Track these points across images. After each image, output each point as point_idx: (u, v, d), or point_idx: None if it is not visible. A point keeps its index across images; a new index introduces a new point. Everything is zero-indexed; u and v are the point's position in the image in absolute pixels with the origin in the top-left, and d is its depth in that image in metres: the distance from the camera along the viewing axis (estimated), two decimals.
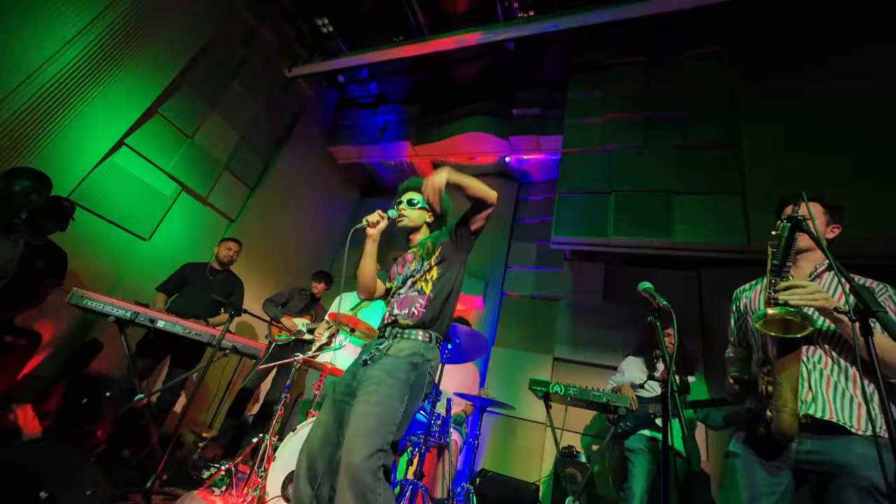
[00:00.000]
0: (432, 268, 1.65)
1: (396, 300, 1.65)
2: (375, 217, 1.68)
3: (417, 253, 1.73)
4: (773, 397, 1.30)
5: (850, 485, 1.19)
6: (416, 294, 1.61)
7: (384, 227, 1.72)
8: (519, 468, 3.69)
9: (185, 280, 3.35)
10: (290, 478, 2.31)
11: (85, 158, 3.32)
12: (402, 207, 1.80)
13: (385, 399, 1.35)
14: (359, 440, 1.27)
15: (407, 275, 1.70)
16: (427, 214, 1.84)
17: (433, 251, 1.69)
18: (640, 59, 4.26)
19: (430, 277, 1.63)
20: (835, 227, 1.51)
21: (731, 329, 1.69)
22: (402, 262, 1.78)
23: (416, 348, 1.49)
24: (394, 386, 1.38)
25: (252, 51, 4.72)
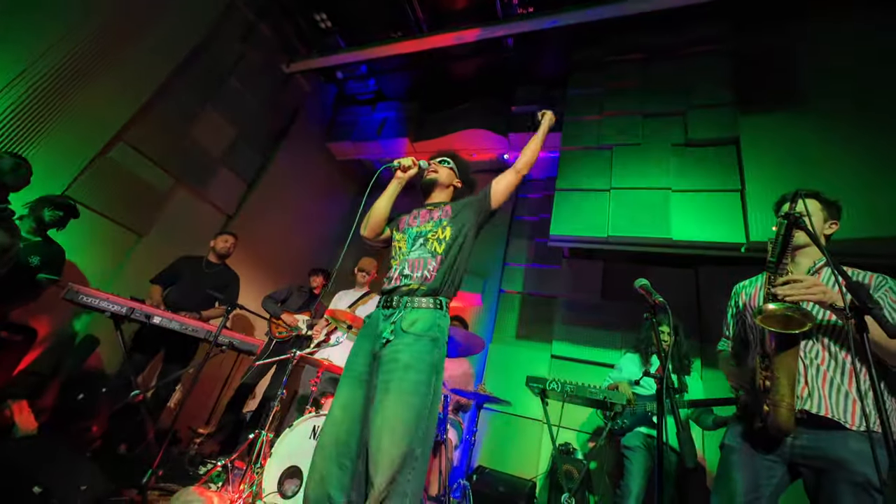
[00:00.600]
0: (446, 227, 1.62)
1: (407, 261, 1.56)
2: (409, 161, 1.72)
3: (434, 212, 1.71)
4: (771, 392, 1.31)
5: (844, 480, 1.19)
6: (429, 256, 1.54)
7: (412, 175, 1.75)
8: (516, 465, 3.70)
9: (180, 272, 3.33)
10: (287, 473, 2.31)
11: (81, 154, 3.30)
12: (433, 164, 1.83)
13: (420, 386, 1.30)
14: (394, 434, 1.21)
15: (419, 232, 1.64)
16: (455, 179, 1.85)
17: (451, 215, 1.67)
18: (639, 57, 4.25)
19: (442, 237, 1.59)
20: (833, 224, 1.51)
21: (726, 322, 1.69)
22: (415, 215, 1.74)
23: (431, 320, 1.42)
24: (423, 371, 1.32)
25: (250, 46, 4.69)
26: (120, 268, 3.63)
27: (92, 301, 2.40)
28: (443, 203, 1.76)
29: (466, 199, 1.76)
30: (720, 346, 1.73)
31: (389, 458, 1.17)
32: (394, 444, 1.19)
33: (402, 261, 1.58)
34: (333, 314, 2.90)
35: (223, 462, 2.43)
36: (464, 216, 1.67)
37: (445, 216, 1.67)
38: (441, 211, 1.70)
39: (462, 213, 1.68)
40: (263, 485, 2.21)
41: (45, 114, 3.07)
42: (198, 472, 2.63)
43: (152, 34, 3.64)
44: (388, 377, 1.32)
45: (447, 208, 1.71)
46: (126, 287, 3.29)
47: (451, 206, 1.72)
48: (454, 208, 1.70)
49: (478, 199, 1.74)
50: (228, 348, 2.69)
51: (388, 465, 1.17)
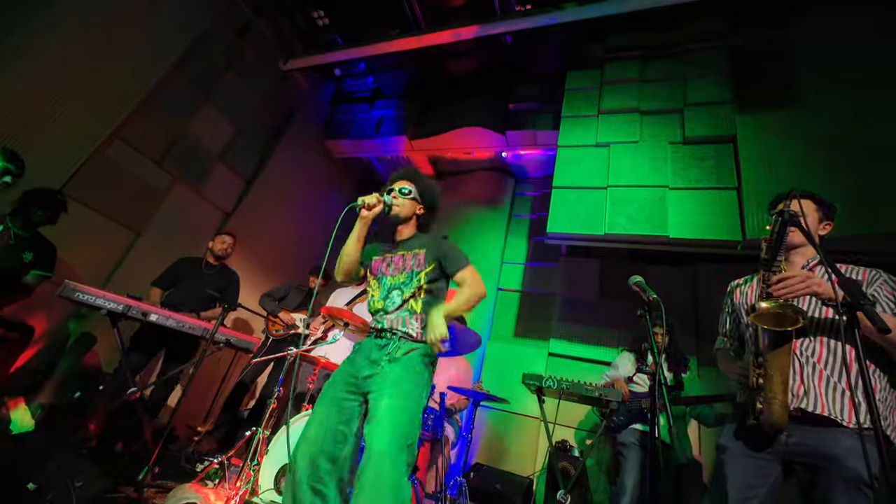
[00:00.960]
0: (422, 288, 1.63)
1: (387, 319, 1.61)
2: (373, 199, 1.66)
3: (407, 259, 1.69)
4: (764, 389, 1.31)
5: (836, 477, 1.20)
6: (408, 315, 1.60)
7: (378, 212, 1.69)
8: (513, 462, 3.71)
9: (180, 274, 3.33)
10: (282, 471, 2.31)
11: (77, 151, 3.29)
12: (394, 195, 1.76)
13: (411, 394, 1.41)
14: (390, 434, 1.30)
15: (392, 284, 1.67)
16: (417, 207, 1.81)
17: (424, 266, 1.65)
18: (637, 54, 4.25)
19: (420, 297, 1.62)
20: (826, 224, 1.51)
21: (722, 320, 1.70)
22: (387, 261, 1.74)
23: (422, 351, 1.55)
24: (415, 383, 1.44)
25: (247, 43, 4.68)
26: (118, 266, 3.63)
27: (88, 298, 2.39)
28: (414, 246, 1.72)
29: (438, 250, 1.69)
30: (717, 344, 1.74)
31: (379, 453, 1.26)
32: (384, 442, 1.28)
33: (381, 316, 1.65)
34: (330, 312, 2.90)
35: (220, 459, 2.43)
36: (436, 270, 1.68)
37: (419, 267, 1.66)
38: (414, 259, 1.68)
39: (434, 266, 1.67)
40: (260, 482, 2.22)
41: (41, 110, 3.06)
42: (195, 469, 2.63)
43: (149, 31, 3.63)
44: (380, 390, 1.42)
45: (420, 256, 1.68)
46: (124, 285, 3.29)
47: (423, 252, 1.68)
48: (427, 256, 1.67)
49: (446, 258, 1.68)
50: (225, 346, 2.68)
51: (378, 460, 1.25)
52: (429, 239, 1.76)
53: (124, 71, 3.49)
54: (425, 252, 1.68)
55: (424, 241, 1.75)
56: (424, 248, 1.70)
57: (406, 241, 1.78)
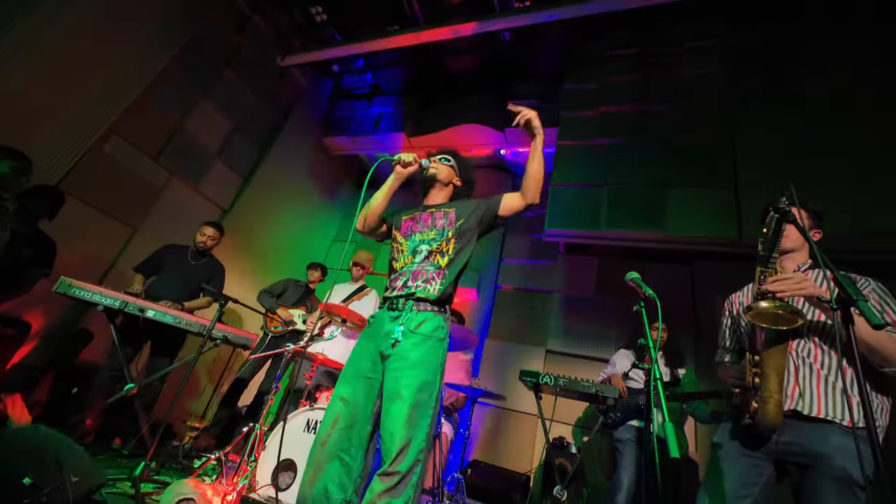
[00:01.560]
0: (450, 241, 1.60)
1: (411, 273, 1.57)
2: (410, 157, 1.65)
3: (437, 218, 1.67)
4: (760, 388, 1.31)
5: (825, 475, 1.20)
6: (432, 269, 1.56)
7: (412, 171, 1.68)
8: (510, 459, 3.73)
9: (164, 262, 3.27)
10: (281, 466, 2.32)
11: (73, 147, 3.27)
12: (434, 160, 1.77)
13: (427, 385, 1.38)
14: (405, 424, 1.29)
15: (421, 240, 1.63)
16: (455, 176, 1.80)
17: (455, 221, 1.64)
18: (636, 51, 4.24)
19: (446, 250, 1.59)
20: (816, 233, 1.52)
21: (721, 333, 1.69)
22: (416, 219, 1.71)
23: (436, 322, 1.49)
24: (431, 370, 1.41)
25: (245, 39, 4.66)
26: (115, 261, 3.62)
27: (84, 294, 2.38)
28: (444, 206, 1.71)
29: (472, 205, 1.69)
30: (717, 357, 1.73)
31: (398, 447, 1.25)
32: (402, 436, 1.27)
33: (406, 270, 1.60)
34: (328, 308, 2.90)
35: (217, 455, 2.43)
36: (468, 226, 1.64)
37: (450, 225, 1.63)
38: (445, 218, 1.65)
39: (467, 224, 1.64)
40: (257, 477, 2.22)
41: (38, 105, 3.04)
42: (192, 465, 2.63)
43: (146, 26, 3.61)
44: (398, 374, 1.38)
45: (451, 214, 1.65)
46: (122, 281, 3.28)
47: (454, 211, 1.66)
48: (458, 214, 1.65)
49: (486, 204, 1.68)
50: (223, 342, 2.68)
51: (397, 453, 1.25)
52: (459, 202, 1.75)
53: (121, 66, 3.48)
54: (455, 210, 1.67)
55: (455, 203, 1.73)
56: (455, 208, 1.69)
57: (438, 204, 1.76)
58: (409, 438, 1.27)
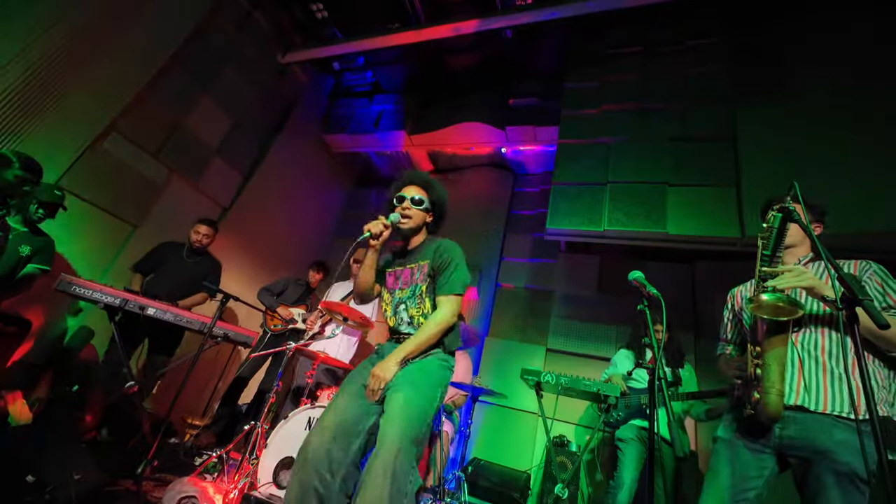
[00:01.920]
0: (425, 301, 1.63)
1: (404, 333, 1.65)
2: (379, 227, 1.61)
3: (414, 273, 1.68)
4: (762, 379, 1.32)
5: (828, 470, 1.21)
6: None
7: (387, 237, 1.65)
8: (511, 457, 3.73)
9: (162, 260, 3.27)
10: (282, 464, 2.32)
11: (73, 144, 3.26)
12: (406, 205, 1.69)
13: (425, 391, 1.43)
14: (401, 427, 1.32)
15: (400, 299, 1.68)
16: (427, 215, 1.76)
17: (425, 279, 1.64)
18: (638, 50, 4.23)
19: (427, 312, 1.62)
20: (817, 226, 1.53)
21: (723, 325, 1.70)
22: (397, 275, 1.74)
23: (439, 355, 1.58)
24: (430, 383, 1.46)
25: (245, 35, 4.63)
26: (115, 259, 3.61)
27: (85, 292, 2.38)
28: (420, 257, 1.70)
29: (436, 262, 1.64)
30: (718, 349, 1.74)
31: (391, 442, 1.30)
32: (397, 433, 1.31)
33: (397, 330, 1.67)
34: (329, 306, 2.90)
35: (219, 453, 2.43)
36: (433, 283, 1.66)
37: (423, 280, 1.65)
38: (419, 272, 1.66)
39: (431, 281, 1.66)
40: (259, 475, 2.22)
41: (36, 102, 3.03)
42: (193, 463, 2.63)
43: (147, 22, 3.59)
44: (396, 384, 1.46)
45: (424, 268, 1.65)
46: (122, 278, 3.28)
47: (427, 263, 1.65)
48: (430, 266, 1.64)
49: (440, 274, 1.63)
50: (223, 340, 2.68)
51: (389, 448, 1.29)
52: (435, 248, 1.69)
53: (121, 62, 3.46)
54: (428, 264, 1.65)
55: (430, 250, 1.69)
56: (428, 259, 1.66)
57: (416, 249, 1.75)
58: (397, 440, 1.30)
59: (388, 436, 1.31)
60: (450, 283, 1.60)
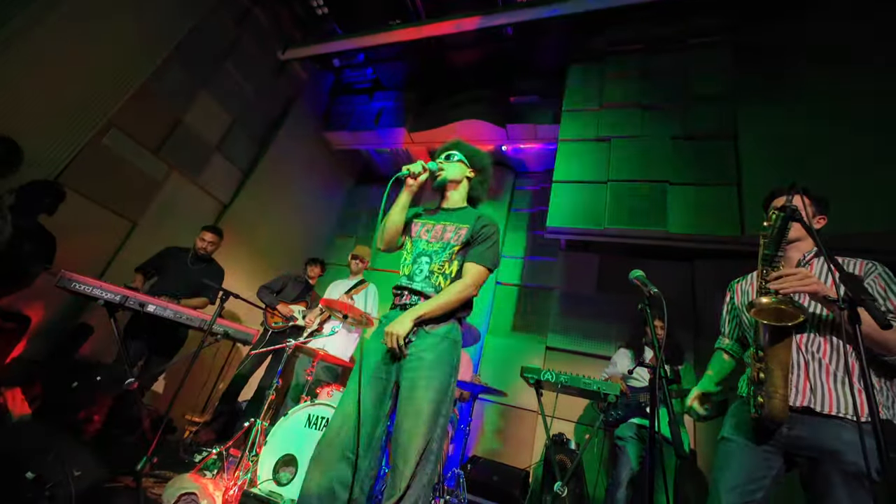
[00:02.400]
0: (453, 261, 1.58)
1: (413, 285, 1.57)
2: (418, 167, 1.60)
3: (448, 231, 1.63)
4: (765, 383, 1.32)
5: (836, 470, 1.21)
6: (433, 290, 1.55)
7: (424, 181, 1.64)
8: (510, 455, 3.74)
9: (166, 263, 3.28)
10: (282, 461, 2.32)
11: (72, 139, 3.25)
12: (440, 162, 1.71)
13: (442, 386, 1.39)
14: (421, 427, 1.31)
15: (424, 251, 1.61)
16: (468, 169, 1.75)
17: (461, 242, 1.60)
18: (639, 48, 4.22)
19: (449, 272, 1.57)
20: (820, 219, 1.52)
21: (722, 319, 1.70)
22: (427, 227, 1.68)
23: (449, 324, 1.52)
24: (446, 372, 1.43)
25: (245, 31, 4.61)
26: (114, 256, 3.60)
27: (85, 289, 2.37)
28: (459, 220, 1.66)
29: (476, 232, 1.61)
30: (717, 343, 1.75)
31: (415, 449, 1.29)
32: (418, 436, 1.30)
33: (406, 282, 1.59)
34: (328, 303, 2.90)
35: (218, 450, 2.43)
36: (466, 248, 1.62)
37: (456, 240, 1.60)
38: (454, 233, 1.62)
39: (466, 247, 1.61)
40: (258, 472, 2.22)
41: (37, 97, 3.01)
42: (193, 459, 2.64)
43: (146, 18, 3.58)
44: (414, 374, 1.40)
45: (462, 232, 1.61)
46: (121, 275, 3.27)
47: (466, 228, 1.62)
48: (470, 233, 1.61)
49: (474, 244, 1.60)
50: (223, 337, 2.67)
51: (413, 455, 1.28)
52: (478, 216, 1.66)
53: (120, 58, 3.44)
54: (468, 229, 1.61)
55: (472, 218, 1.65)
56: (468, 224, 1.62)
57: (453, 210, 1.72)
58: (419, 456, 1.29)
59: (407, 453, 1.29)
60: (484, 255, 1.57)
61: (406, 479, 1.26)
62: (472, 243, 1.60)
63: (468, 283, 1.53)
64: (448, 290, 1.52)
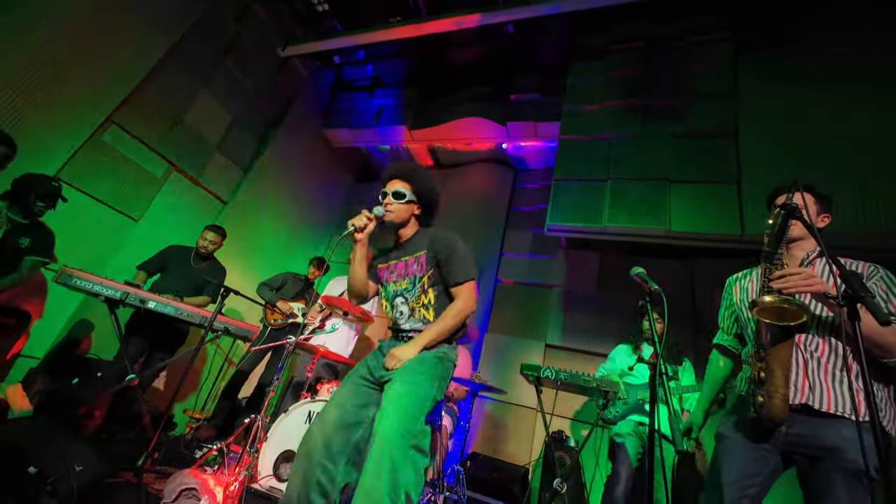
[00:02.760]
0: (427, 291, 1.61)
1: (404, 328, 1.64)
2: (363, 220, 1.59)
3: (409, 266, 1.66)
4: (766, 383, 1.32)
5: (836, 467, 1.21)
6: (422, 325, 1.60)
7: (373, 230, 1.63)
8: (510, 452, 3.76)
9: (169, 262, 3.29)
10: (282, 457, 2.33)
11: (72, 136, 3.24)
12: (388, 201, 1.67)
13: (421, 382, 1.42)
14: (394, 417, 1.32)
15: (396, 292, 1.67)
16: (415, 207, 1.72)
17: (426, 269, 1.61)
18: (640, 45, 4.21)
19: (428, 303, 1.60)
20: (825, 217, 1.52)
21: (720, 315, 1.71)
22: (391, 269, 1.71)
23: (439, 349, 1.57)
24: (426, 374, 1.45)
25: (245, 28, 4.60)
26: (115, 252, 3.60)
27: (85, 285, 2.37)
28: (415, 249, 1.67)
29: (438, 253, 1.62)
30: (716, 339, 1.75)
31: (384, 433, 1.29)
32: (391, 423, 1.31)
33: (398, 326, 1.64)
34: (329, 301, 2.90)
35: (219, 446, 2.44)
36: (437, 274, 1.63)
37: (421, 271, 1.62)
38: (416, 264, 1.64)
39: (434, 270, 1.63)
40: (259, 468, 2.23)
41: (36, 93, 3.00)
42: (194, 455, 2.64)
43: (146, 14, 3.56)
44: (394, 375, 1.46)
45: (421, 259, 1.63)
46: (122, 271, 3.27)
47: (424, 255, 1.63)
48: (428, 258, 1.62)
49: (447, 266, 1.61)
50: (224, 333, 2.68)
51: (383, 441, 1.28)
52: (430, 238, 1.67)
53: (120, 54, 3.43)
54: (426, 254, 1.63)
55: (426, 240, 1.67)
56: (424, 249, 1.64)
57: (409, 241, 1.72)
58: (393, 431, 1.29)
59: (381, 429, 1.31)
60: (460, 270, 1.59)
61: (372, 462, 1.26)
62: (441, 266, 1.61)
63: (463, 304, 1.57)
64: (446, 314, 1.56)
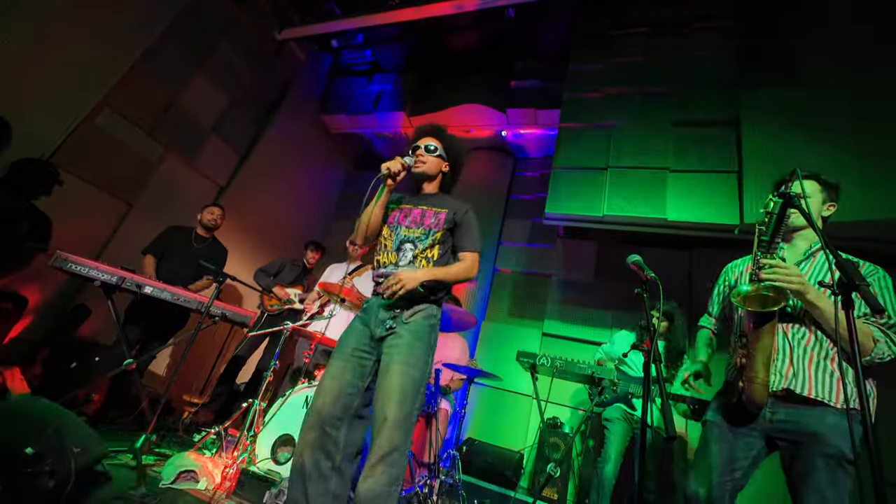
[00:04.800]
0: (435, 245, 1.63)
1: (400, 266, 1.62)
2: (398, 166, 1.62)
3: (427, 216, 1.67)
4: (746, 368, 1.34)
5: (818, 453, 1.24)
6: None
7: (402, 178, 1.67)
8: (504, 437, 3.80)
9: (170, 244, 3.27)
10: (280, 441, 2.36)
11: (65, 119, 3.19)
12: (420, 153, 1.73)
13: (419, 362, 1.47)
14: (399, 400, 1.38)
15: (406, 237, 1.65)
16: (443, 164, 1.78)
17: (442, 227, 1.64)
18: (643, 31, 4.13)
19: (430, 256, 1.62)
20: (831, 205, 1.51)
21: (711, 299, 1.72)
22: (405, 213, 1.71)
23: (427, 310, 1.58)
24: (423, 349, 1.50)
25: (242, 9, 4.50)
26: (110, 237, 3.58)
27: (81, 269, 2.36)
28: (436, 205, 1.71)
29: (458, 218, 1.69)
30: (701, 321, 1.77)
31: (393, 421, 1.36)
32: (396, 410, 1.38)
33: (391, 269, 1.62)
34: (326, 287, 2.90)
35: (217, 429, 2.46)
36: (449, 235, 1.68)
37: (437, 227, 1.64)
38: (434, 218, 1.66)
39: (449, 232, 1.68)
40: (257, 451, 2.25)
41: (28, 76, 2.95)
42: (192, 438, 2.67)
43: None
44: (392, 351, 1.49)
45: (441, 216, 1.66)
46: (118, 256, 3.25)
47: (445, 213, 1.67)
48: (447, 218, 1.66)
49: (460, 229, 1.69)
50: (221, 319, 2.68)
51: (391, 427, 1.36)
52: (453, 202, 1.73)
53: (114, 36, 3.37)
54: (447, 213, 1.67)
55: (449, 203, 1.73)
56: (447, 209, 1.69)
57: (432, 196, 1.77)
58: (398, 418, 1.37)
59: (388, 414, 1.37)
60: (473, 239, 1.68)
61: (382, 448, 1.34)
62: (457, 230, 1.69)
63: (468, 265, 1.65)
64: (456, 266, 1.63)
